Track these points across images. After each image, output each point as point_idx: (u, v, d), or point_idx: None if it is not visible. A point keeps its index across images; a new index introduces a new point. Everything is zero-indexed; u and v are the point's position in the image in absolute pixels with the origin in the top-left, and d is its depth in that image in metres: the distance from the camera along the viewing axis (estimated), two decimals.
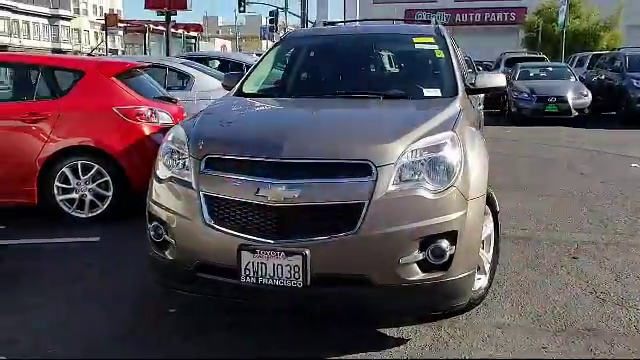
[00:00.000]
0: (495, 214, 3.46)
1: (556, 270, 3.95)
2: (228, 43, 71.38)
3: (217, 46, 64.40)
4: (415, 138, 2.85)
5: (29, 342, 2.96)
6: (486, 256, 3.42)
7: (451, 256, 2.74)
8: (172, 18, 20.06)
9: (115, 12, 73.85)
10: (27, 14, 65.41)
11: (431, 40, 4.15)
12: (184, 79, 7.59)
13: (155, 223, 3.01)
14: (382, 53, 4.51)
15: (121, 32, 47.05)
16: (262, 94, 4.06)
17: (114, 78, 5.23)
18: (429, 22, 4.97)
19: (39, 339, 2.98)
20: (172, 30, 22.85)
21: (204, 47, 50.87)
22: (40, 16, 67.04)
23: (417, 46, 4.16)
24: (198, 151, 2.93)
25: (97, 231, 4.81)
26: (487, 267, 3.42)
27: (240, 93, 4.00)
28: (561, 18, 23.19)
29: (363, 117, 3.43)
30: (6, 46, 57.55)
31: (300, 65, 4.41)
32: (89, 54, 35.55)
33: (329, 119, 3.41)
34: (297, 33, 6.35)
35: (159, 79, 6.81)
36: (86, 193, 5.05)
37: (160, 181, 3.04)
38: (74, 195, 5.06)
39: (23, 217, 5.24)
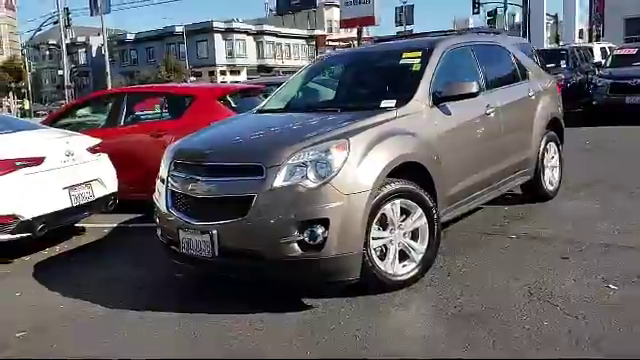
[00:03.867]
0: (428, 210, 3.92)
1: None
2: None
3: None
4: (307, 145, 3.57)
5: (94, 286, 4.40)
6: (416, 246, 3.91)
7: (325, 238, 3.41)
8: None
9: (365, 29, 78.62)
10: (288, 37, 73.93)
11: (418, 54, 4.61)
12: None
13: (155, 211, 4.23)
14: (368, 70, 5.09)
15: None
16: (266, 111, 4.98)
17: (217, 100, 6.65)
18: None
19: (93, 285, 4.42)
20: None
21: None
22: (299, 38, 75.05)
23: (402, 61, 4.65)
24: (171, 157, 4.07)
25: None
26: (417, 256, 3.90)
27: (259, 110, 5.03)
28: None
29: (284, 128, 4.17)
30: (272, 67, 65.83)
31: (300, 84, 5.26)
32: None
33: (255, 131, 4.23)
34: (323, 55, 7.00)
35: None
36: None
37: (158, 179, 4.24)
38: None
39: None
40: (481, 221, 5.38)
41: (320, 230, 3.41)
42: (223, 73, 63.19)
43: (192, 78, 56.06)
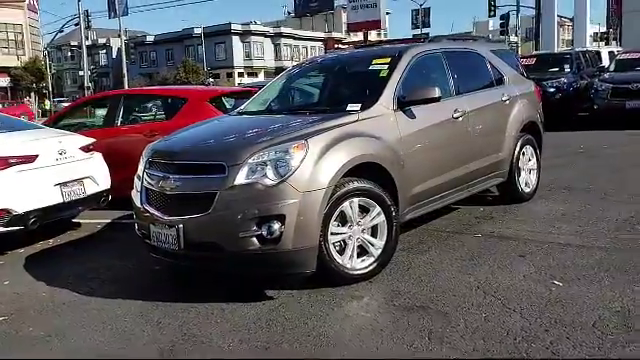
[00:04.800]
0: (386, 208, 4.14)
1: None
2: None
3: None
4: (268, 145, 3.81)
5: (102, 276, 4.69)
6: (375, 242, 4.13)
7: (281, 233, 3.65)
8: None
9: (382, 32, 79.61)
10: (305, 39, 74.30)
11: (387, 60, 4.84)
12: None
13: (133, 207, 4.50)
14: (342, 75, 5.32)
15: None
16: (245, 112, 5.23)
17: (208, 102, 6.94)
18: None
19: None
20: None
21: None
22: (316, 40, 75.34)
23: (372, 67, 4.87)
24: (147, 156, 4.34)
25: None
26: (376, 252, 4.13)
27: (239, 111, 5.29)
28: None
29: (251, 129, 4.39)
30: None
31: (279, 88, 5.52)
32: None
33: (226, 132, 4.47)
34: (304, 60, 7.22)
35: None
36: None
37: (136, 177, 4.51)
38: None
39: None
40: (454, 220, 5.58)
41: (277, 225, 3.65)
42: (241, 75, 63.74)
43: (210, 80, 56.67)
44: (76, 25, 46.13)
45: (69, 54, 73.53)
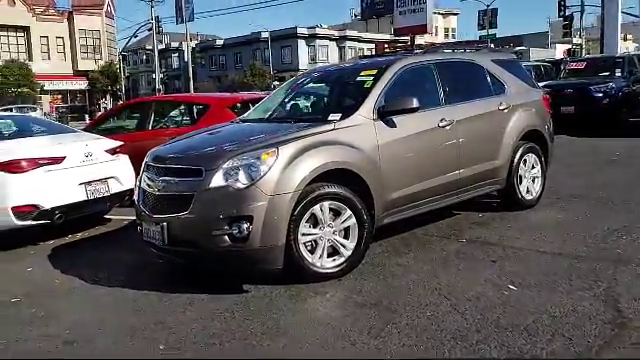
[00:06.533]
0: (357, 212, 4.42)
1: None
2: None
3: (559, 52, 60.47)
4: (243, 151, 4.18)
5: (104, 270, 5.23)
6: (347, 244, 4.42)
7: (249, 232, 4.01)
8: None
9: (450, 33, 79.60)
10: (370, 42, 74.30)
11: (373, 72, 5.10)
12: None
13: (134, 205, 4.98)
14: (333, 86, 5.60)
15: None
16: (245, 120, 5.62)
17: (228, 108, 7.40)
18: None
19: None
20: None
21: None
22: (381, 42, 75.18)
23: (358, 78, 5.15)
24: (146, 160, 4.81)
25: None
26: (347, 252, 4.42)
27: (240, 119, 5.69)
28: None
29: (235, 136, 4.75)
30: None
31: (279, 97, 5.87)
32: None
33: (215, 139, 4.85)
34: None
35: None
36: None
37: (137, 179, 5.00)
38: None
39: None
40: (447, 225, 5.76)
41: (245, 225, 4.01)
42: None
43: (276, 82, 57.87)
44: (149, 30, 48.43)
45: (144, 57, 76.79)
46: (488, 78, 5.97)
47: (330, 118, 4.72)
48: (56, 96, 51.69)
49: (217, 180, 4.10)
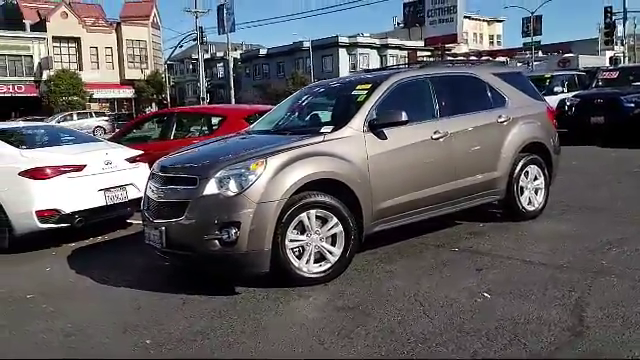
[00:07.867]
0: (344, 220, 4.65)
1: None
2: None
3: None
4: (234, 162, 4.48)
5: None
6: (334, 250, 4.65)
7: (237, 237, 4.29)
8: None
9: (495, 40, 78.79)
10: (411, 49, 74.16)
11: (367, 87, 5.33)
12: None
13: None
14: (331, 99, 5.83)
15: None
16: (250, 132, 5.92)
17: (244, 119, 7.75)
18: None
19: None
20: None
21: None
22: (422, 50, 74.84)
23: (354, 92, 5.38)
24: (152, 169, 5.16)
25: None
26: (333, 259, 4.65)
27: (246, 131, 6.00)
28: None
29: (232, 147, 5.05)
30: None
31: (282, 110, 6.16)
32: None
33: (214, 150, 5.16)
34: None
35: None
36: None
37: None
38: None
39: None
40: (444, 234, 5.91)
41: (234, 230, 4.29)
42: None
43: None
44: (194, 40, 49.71)
45: (190, 66, 78.89)
46: (488, 91, 6.10)
47: (322, 130, 4.97)
48: (104, 104, 53.55)
49: (210, 188, 4.40)
